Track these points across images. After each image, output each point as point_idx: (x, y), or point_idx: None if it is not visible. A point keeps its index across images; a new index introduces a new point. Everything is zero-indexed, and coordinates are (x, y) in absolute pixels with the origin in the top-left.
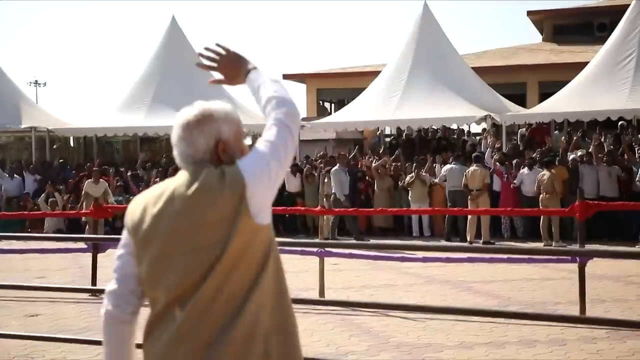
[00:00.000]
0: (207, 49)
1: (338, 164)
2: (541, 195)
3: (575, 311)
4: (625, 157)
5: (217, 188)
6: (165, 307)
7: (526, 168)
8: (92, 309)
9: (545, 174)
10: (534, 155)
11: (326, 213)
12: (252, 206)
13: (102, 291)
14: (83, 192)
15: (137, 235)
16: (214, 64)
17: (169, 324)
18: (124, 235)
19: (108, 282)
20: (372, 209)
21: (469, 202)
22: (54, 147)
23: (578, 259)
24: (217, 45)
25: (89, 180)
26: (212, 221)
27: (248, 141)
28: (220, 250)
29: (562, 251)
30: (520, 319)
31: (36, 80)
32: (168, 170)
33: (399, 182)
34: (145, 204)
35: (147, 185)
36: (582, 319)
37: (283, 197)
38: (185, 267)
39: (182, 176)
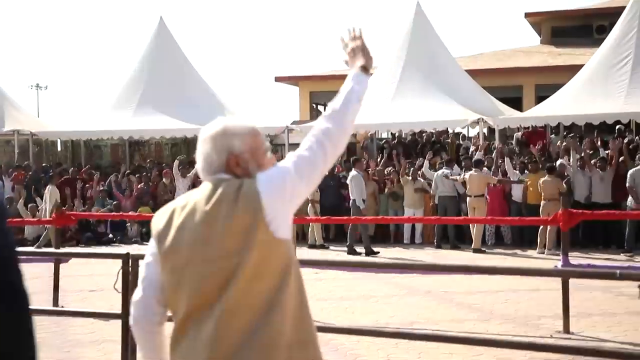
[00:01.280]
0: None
1: (355, 169)
2: (542, 202)
3: (559, 326)
4: (622, 160)
5: (233, 200)
6: (187, 316)
7: (517, 171)
8: (49, 323)
9: (547, 179)
10: (521, 159)
11: (300, 221)
12: (268, 219)
13: (62, 312)
14: (55, 199)
15: (162, 244)
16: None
17: (193, 331)
18: (151, 244)
19: (70, 294)
20: (347, 217)
21: (468, 208)
22: (36, 150)
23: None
24: (354, 31)
25: (50, 185)
26: (230, 232)
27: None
28: (238, 259)
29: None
30: (487, 345)
31: (37, 84)
32: (152, 175)
33: (386, 188)
34: (170, 214)
35: (130, 191)
36: (553, 347)
37: None
38: (204, 275)
39: (204, 188)
